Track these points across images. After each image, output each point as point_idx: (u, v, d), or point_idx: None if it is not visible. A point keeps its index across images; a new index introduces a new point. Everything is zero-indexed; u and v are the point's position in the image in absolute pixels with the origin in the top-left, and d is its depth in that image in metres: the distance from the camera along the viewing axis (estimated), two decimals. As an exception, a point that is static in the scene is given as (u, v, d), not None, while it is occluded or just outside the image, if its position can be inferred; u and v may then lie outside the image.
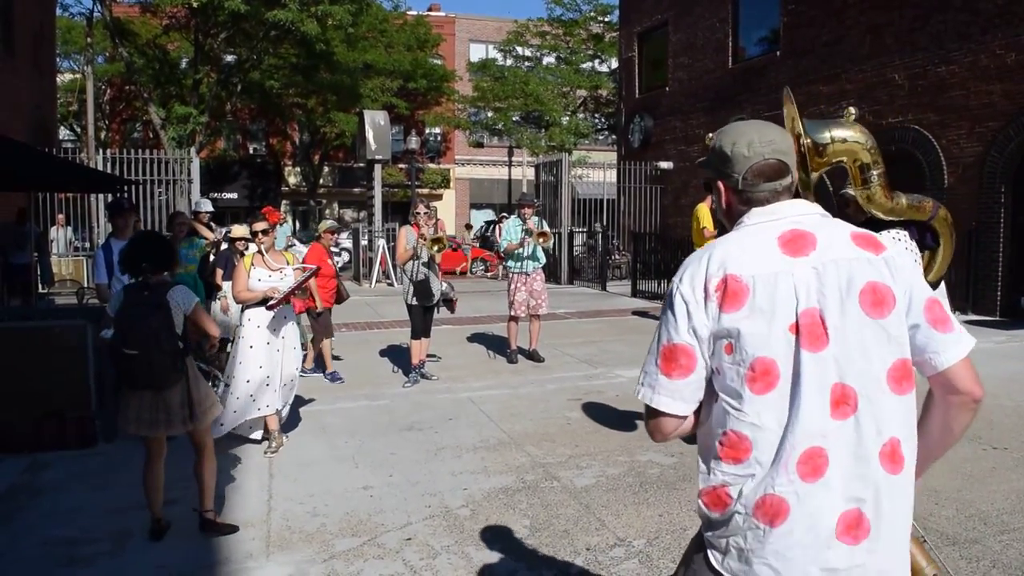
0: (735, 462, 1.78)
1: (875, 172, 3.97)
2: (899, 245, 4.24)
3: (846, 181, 4.26)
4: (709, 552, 1.86)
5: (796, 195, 1.97)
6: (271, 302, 5.79)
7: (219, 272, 7.87)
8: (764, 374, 1.74)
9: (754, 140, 1.89)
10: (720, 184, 1.97)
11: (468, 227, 31.52)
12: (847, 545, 1.74)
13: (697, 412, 1.88)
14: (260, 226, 6.04)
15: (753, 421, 1.75)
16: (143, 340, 4.00)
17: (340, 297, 8.71)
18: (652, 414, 1.86)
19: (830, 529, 1.73)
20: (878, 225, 4.28)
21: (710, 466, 1.83)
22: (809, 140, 3.84)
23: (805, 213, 1.89)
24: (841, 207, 4.46)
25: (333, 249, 8.79)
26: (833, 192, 4.63)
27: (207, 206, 9.76)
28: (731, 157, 1.91)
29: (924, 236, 4.45)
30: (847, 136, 3.89)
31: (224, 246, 8.54)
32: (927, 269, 4.57)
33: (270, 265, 6.00)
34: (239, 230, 7.72)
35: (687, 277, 1.84)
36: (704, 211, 10.73)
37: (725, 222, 1.99)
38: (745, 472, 1.77)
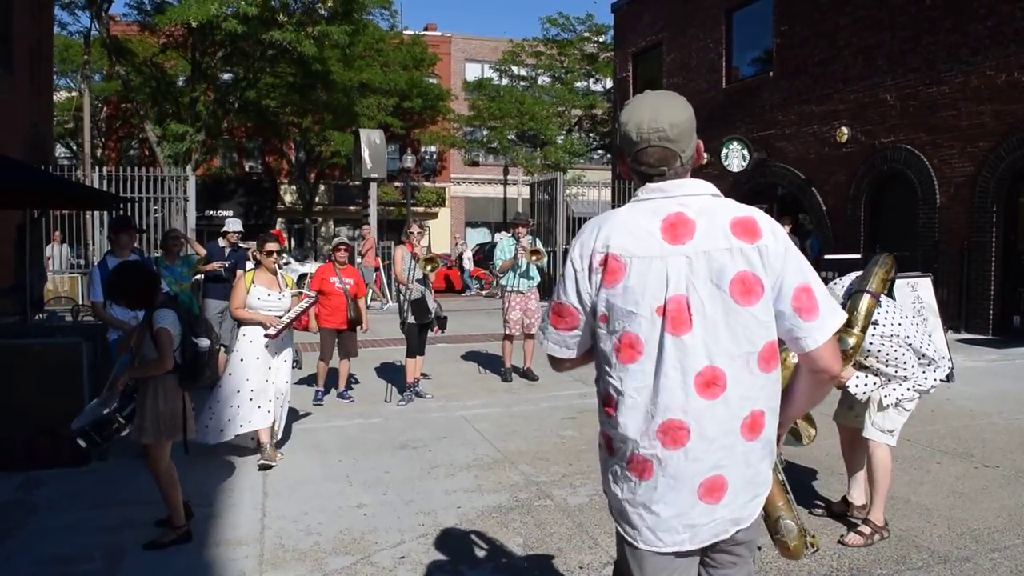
0: (608, 415, 2.03)
1: (851, 341, 4.03)
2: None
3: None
4: (609, 504, 2.14)
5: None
6: (271, 332, 5.92)
7: None
8: (628, 347, 1.93)
9: (643, 124, 1.97)
10: (623, 155, 2.08)
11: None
12: (708, 504, 1.97)
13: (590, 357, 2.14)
14: (274, 247, 6.20)
15: (616, 385, 1.97)
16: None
17: (350, 321, 7.99)
18: (549, 354, 2.17)
19: (692, 492, 1.95)
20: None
21: (599, 414, 2.10)
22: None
23: (693, 194, 1.99)
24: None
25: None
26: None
27: (236, 225, 9.59)
28: (623, 137, 2.02)
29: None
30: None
31: (300, 266, 8.60)
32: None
33: (270, 284, 6.12)
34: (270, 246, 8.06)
35: (578, 248, 2.02)
36: None
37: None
38: (613, 428, 2.01)
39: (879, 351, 4.21)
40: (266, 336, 5.93)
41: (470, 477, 5.59)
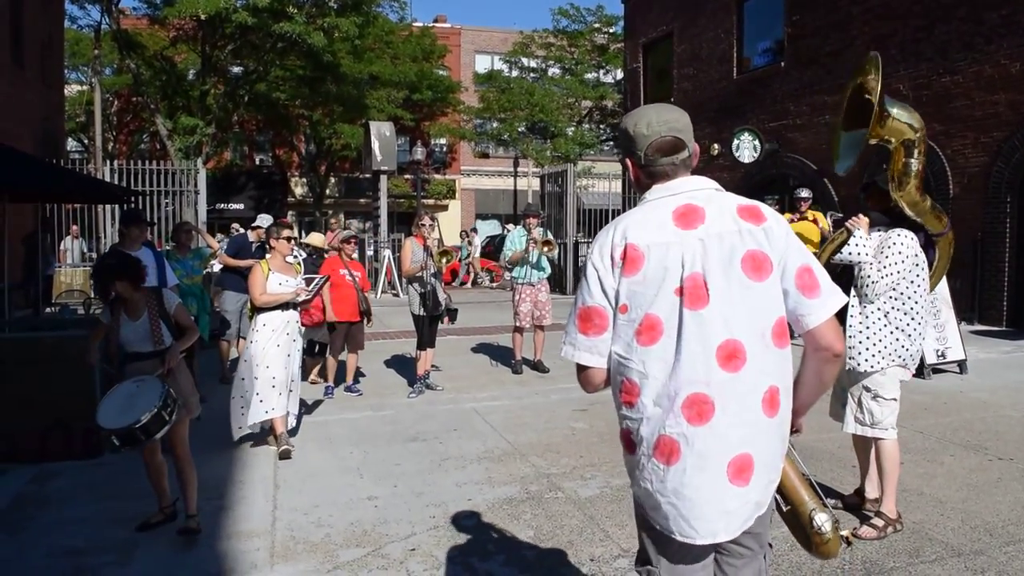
0: (630, 406, 2.07)
1: (915, 161, 4.13)
2: (862, 236, 4.29)
3: (879, 170, 4.49)
4: (636, 501, 2.18)
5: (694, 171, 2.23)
6: (302, 298, 6.16)
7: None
8: (649, 329, 2.01)
9: (652, 120, 2.15)
10: (628, 162, 2.22)
11: (465, 234, 28.48)
12: (739, 487, 2.02)
13: None
14: (290, 232, 6.33)
15: (639, 369, 2.03)
16: None
17: (363, 312, 8.10)
18: (579, 369, 2.17)
19: (722, 473, 2.00)
20: (896, 221, 4.38)
21: (618, 412, 2.14)
22: (878, 108, 4.10)
23: (699, 188, 2.15)
24: (863, 189, 4.62)
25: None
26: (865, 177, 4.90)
27: (266, 222, 9.56)
28: (634, 136, 2.16)
29: (927, 249, 4.49)
30: (905, 118, 4.14)
31: (303, 255, 8.67)
32: None
33: (285, 270, 6.21)
34: (317, 238, 8.83)
35: (598, 248, 2.11)
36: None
37: (640, 195, 2.24)
38: (638, 415, 2.05)
39: (894, 245, 4.20)
40: (301, 305, 6.22)
41: (481, 469, 5.58)
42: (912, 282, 4.24)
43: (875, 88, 4.24)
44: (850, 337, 4.24)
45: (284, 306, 6.06)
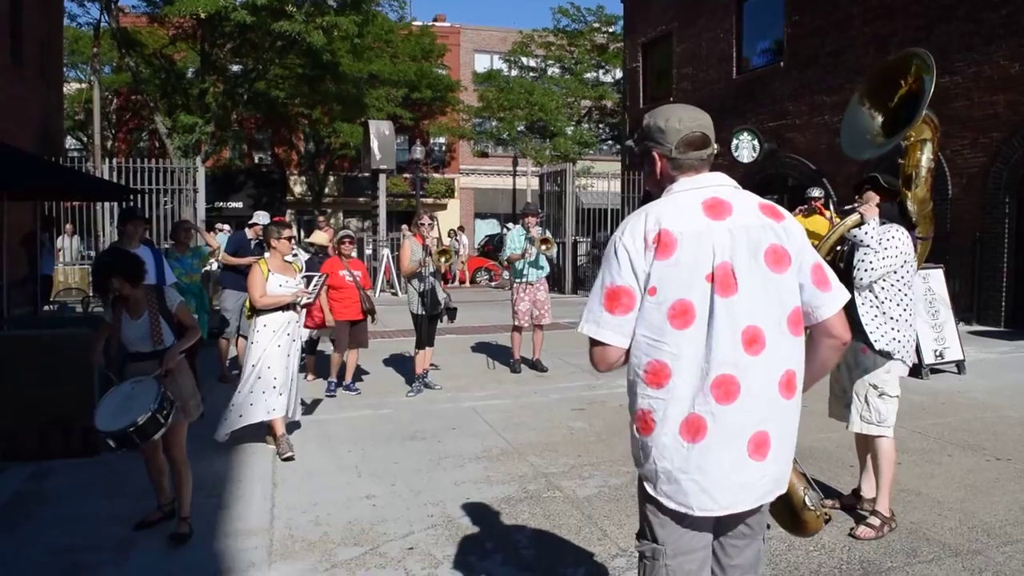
0: (657, 387, 2.15)
1: (926, 159, 4.28)
2: (883, 231, 4.39)
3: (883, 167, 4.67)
4: (645, 484, 2.24)
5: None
6: (304, 300, 6.12)
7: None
8: (683, 313, 2.11)
9: (683, 116, 2.27)
10: (655, 155, 2.30)
11: (453, 233, 27.17)
12: (757, 462, 2.17)
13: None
14: (291, 232, 6.26)
15: (673, 351, 2.12)
16: None
17: (367, 311, 8.17)
18: (597, 345, 2.21)
19: (743, 448, 2.15)
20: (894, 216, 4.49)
21: (637, 392, 2.20)
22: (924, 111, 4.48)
23: (722, 184, 2.27)
24: (856, 187, 4.70)
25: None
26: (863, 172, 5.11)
27: (264, 219, 9.58)
28: (665, 130, 2.26)
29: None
30: (931, 116, 4.42)
31: (306, 255, 8.66)
32: None
33: (285, 270, 6.16)
34: (321, 237, 8.81)
35: (628, 231, 2.19)
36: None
37: (654, 190, 2.32)
38: (666, 395, 2.14)
39: (892, 239, 4.28)
40: (302, 307, 6.18)
41: (479, 468, 5.59)
42: (901, 278, 4.36)
43: (919, 83, 4.36)
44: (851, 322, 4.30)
45: (284, 306, 6.04)
